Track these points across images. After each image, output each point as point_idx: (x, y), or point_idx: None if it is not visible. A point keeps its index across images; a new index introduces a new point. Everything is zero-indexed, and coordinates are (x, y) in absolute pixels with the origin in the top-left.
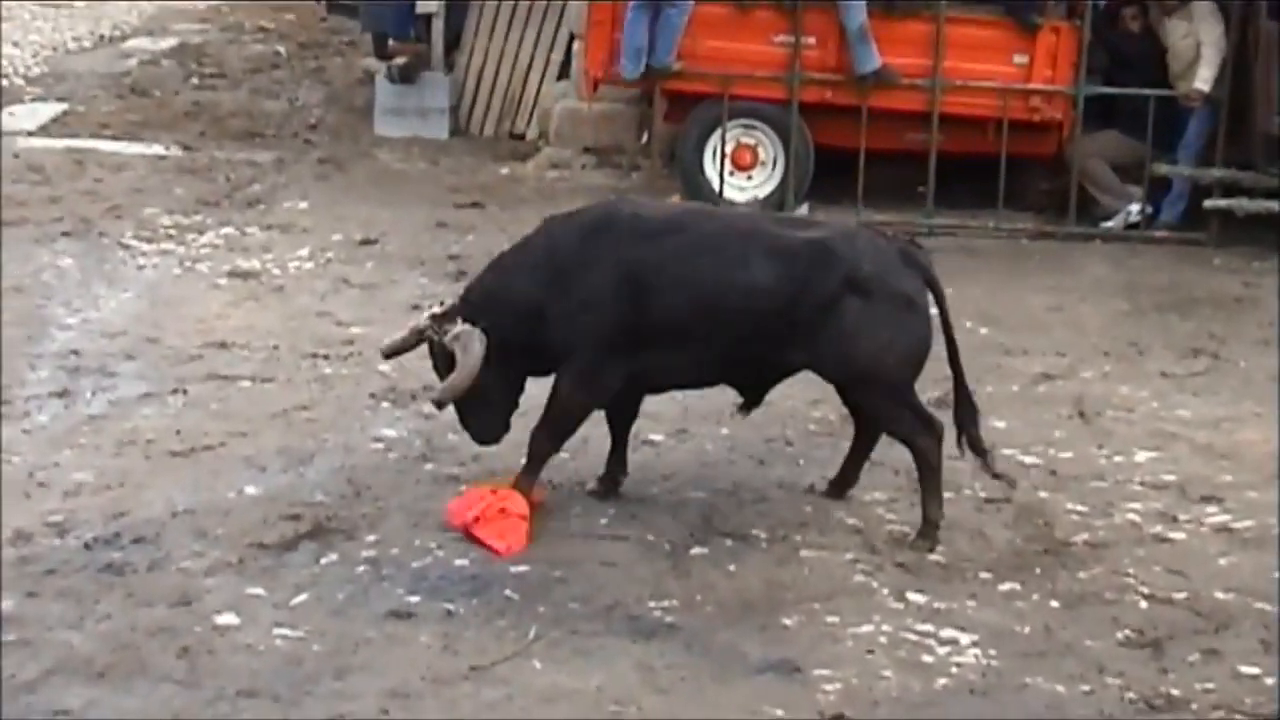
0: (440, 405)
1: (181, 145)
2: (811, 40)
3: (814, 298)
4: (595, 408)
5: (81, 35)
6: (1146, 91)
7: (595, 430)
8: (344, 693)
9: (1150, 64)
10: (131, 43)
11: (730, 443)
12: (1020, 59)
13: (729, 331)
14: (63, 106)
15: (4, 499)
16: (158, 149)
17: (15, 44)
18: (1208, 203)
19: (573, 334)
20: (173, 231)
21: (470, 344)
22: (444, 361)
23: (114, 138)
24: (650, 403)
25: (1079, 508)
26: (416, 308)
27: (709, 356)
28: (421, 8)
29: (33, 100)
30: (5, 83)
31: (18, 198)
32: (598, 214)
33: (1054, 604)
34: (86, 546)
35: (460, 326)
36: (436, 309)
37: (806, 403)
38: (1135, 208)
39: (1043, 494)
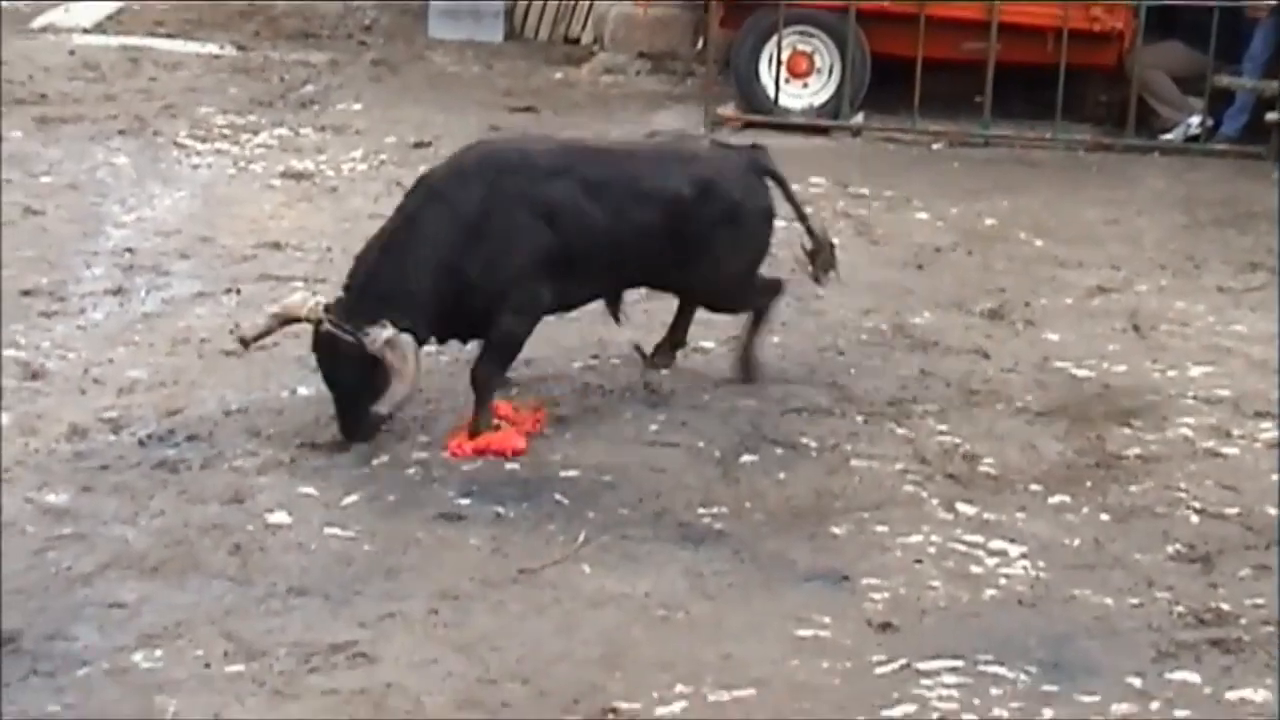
0: (388, 418)
1: (236, 45)
2: None
3: (694, 231)
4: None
5: None
6: (1210, 2)
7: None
8: (394, 593)
9: None
10: None
11: (781, 351)
12: None
13: (624, 263)
14: (118, 4)
15: (60, 395)
16: (212, 48)
17: None
18: (1270, 116)
19: (501, 277)
20: (227, 131)
21: (408, 351)
22: (346, 360)
23: (169, 36)
24: (701, 310)
25: (1132, 422)
26: None
27: (605, 284)
28: None
29: None
30: None
31: (74, 95)
32: (486, 162)
33: (1104, 517)
34: (141, 443)
35: (389, 332)
36: (315, 300)
37: (858, 312)
38: (1195, 120)
39: (1095, 406)
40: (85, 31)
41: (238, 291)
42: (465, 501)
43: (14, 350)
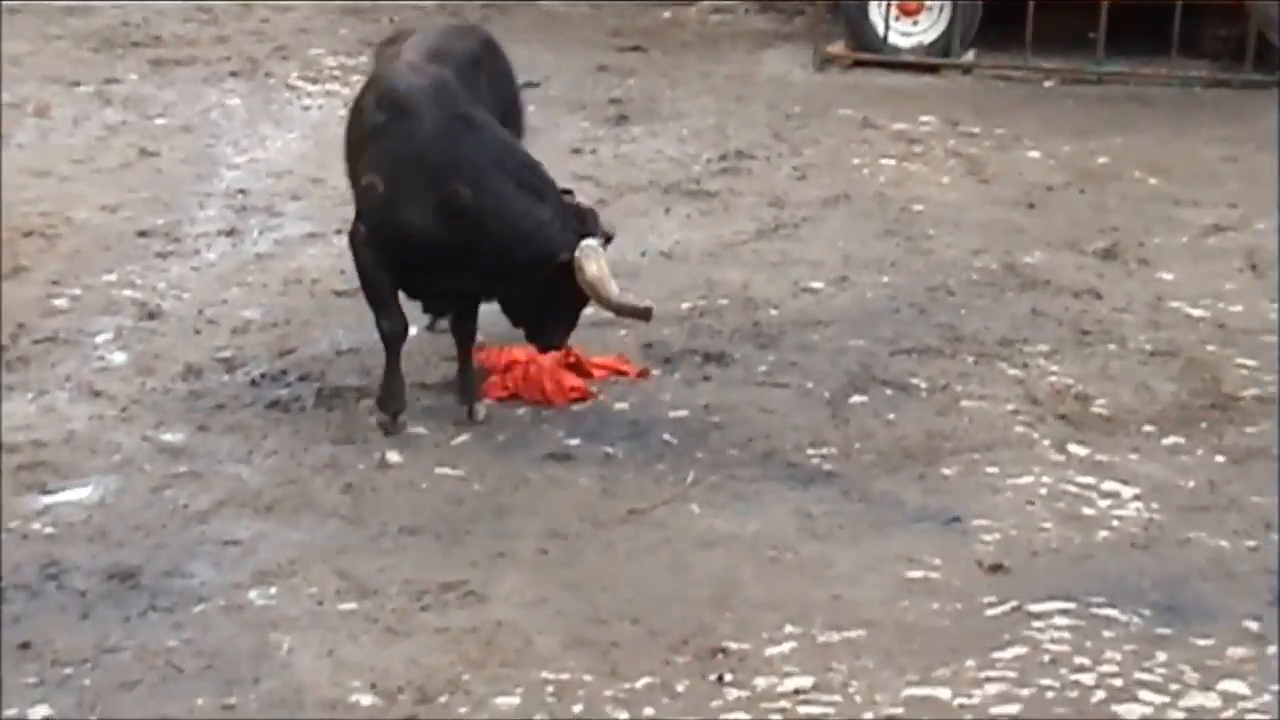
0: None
1: None
2: None
3: None
4: None
5: None
6: None
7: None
8: (504, 532)
9: None
10: None
11: (891, 291)
12: None
13: None
14: None
15: (175, 335)
16: None
17: None
18: None
19: None
20: (337, 73)
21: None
22: None
23: None
24: (812, 251)
25: (1248, 362)
26: (578, 151)
27: None
28: None
29: None
30: None
31: (187, 37)
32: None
33: (1219, 459)
34: (254, 383)
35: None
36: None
37: (968, 251)
38: None
39: (1210, 347)
40: None
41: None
42: (574, 442)
43: (131, 290)
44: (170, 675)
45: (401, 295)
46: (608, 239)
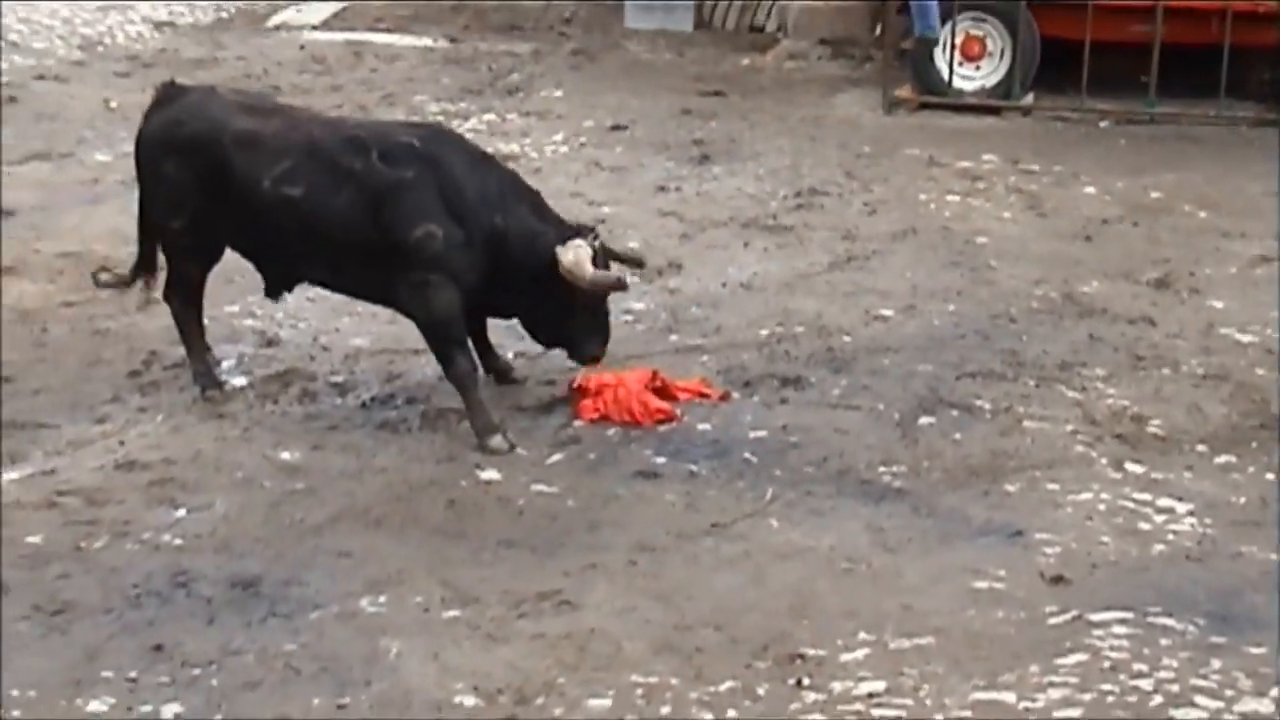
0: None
1: (448, 38)
2: None
3: None
4: None
5: None
6: None
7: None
8: (595, 545)
9: None
10: None
11: (956, 319)
12: None
13: None
14: (342, 3)
15: (292, 361)
16: (427, 41)
17: None
18: None
19: None
20: (440, 117)
21: None
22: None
23: (387, 31)
24: (881, 281)
25: None
26: (663, 189)
27: None
28: None
29: None
30: None
31: (303, 86)
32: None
33: (1269, 476)
34: (364, 405)
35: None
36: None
37: (1029, 281)
38: None
39: (1260, 371)
40: (313, 28)
41: None
42: (661, 460)
43: (252, 320)
44: (289, 677)
45: None
46: (600, 245)
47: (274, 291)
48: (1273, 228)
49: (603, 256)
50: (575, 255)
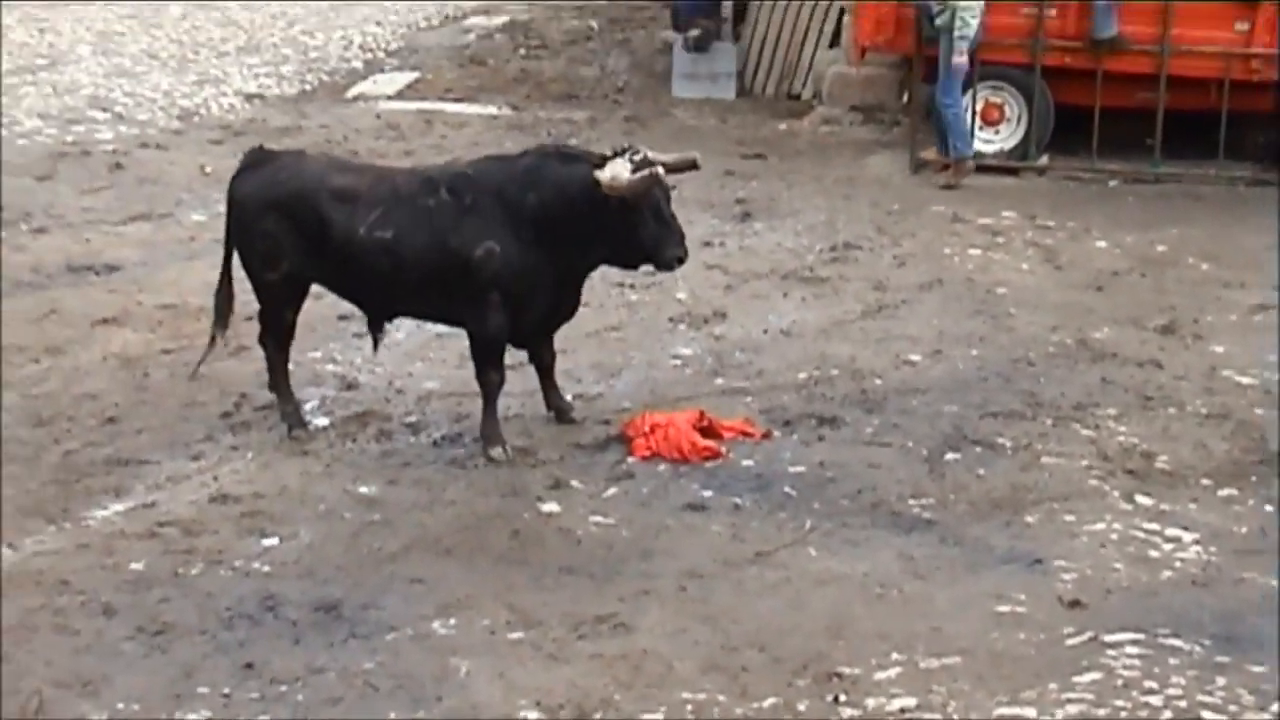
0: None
1: (511, 106)
2: (1053, 11)
3: None
4: None
5: (430, 15)
6: None
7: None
8: (648, 572)
9: None
10: (470, 20)
11: (979, 362)
12: (1241, 26)
13: None
14: (415, 75)
15: (369, 403)
16: (491, 109)
17: (378, 23)
18: None
19: None
20: None
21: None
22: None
23: (456, 100)
24: (910, 328)
25: None
26: (709, 244)
27: None
28: None
29: (391, 70)
30: (369, 56)
31: (379, 151)
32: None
33: (1269, 508)
34: (435, 443)
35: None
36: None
37: (1046, 328)
38: None
39: (1259, 410)
40: (388, 98)
41: None
42: (708, 494)
43: (333, 365)
44: (367, 693)
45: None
46: (644, 157)
47: (376, 326)
48: (1270, 278)
49: (646, 165)
50: (610, 171)
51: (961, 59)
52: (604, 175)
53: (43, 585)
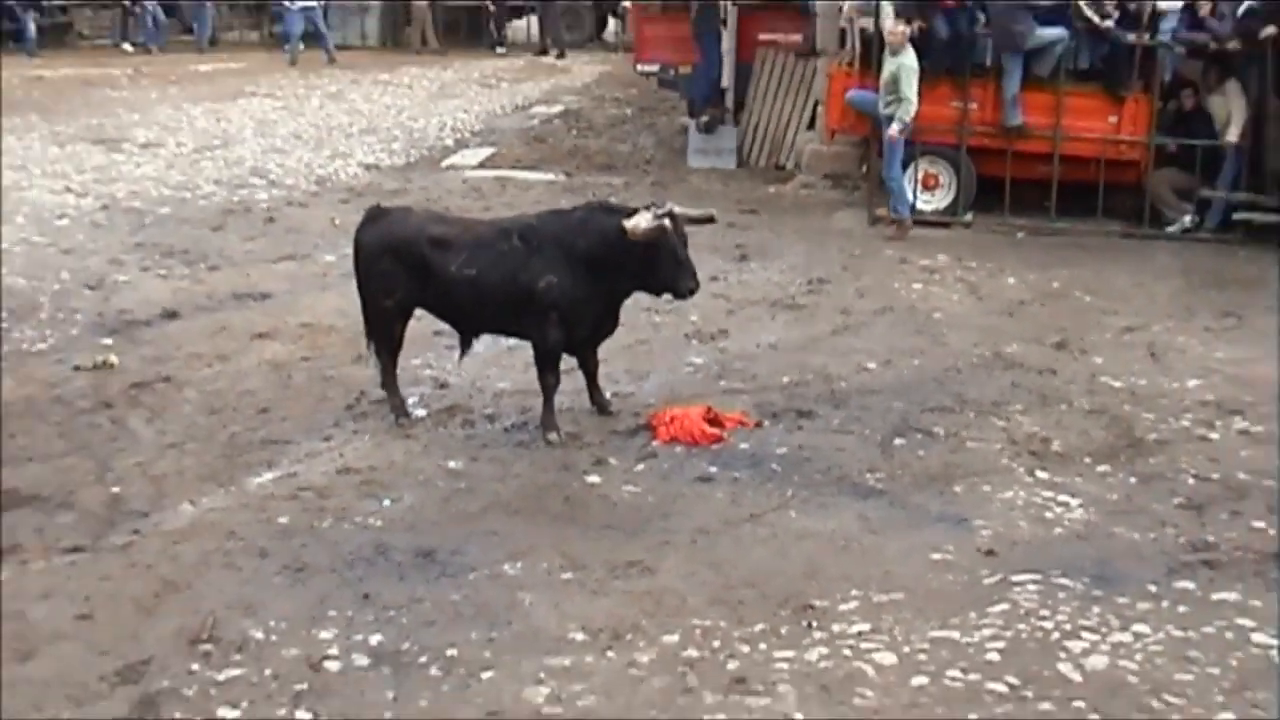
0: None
1: (565, 173)
2: (975, 105)
3: None
4: None
5: (505, 105)
6: (1195, 141)
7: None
8: (667, 529)
9: (1201, 124)
10: (535, 109)
11: (920, 370)
12: (1113, 119)
13: None
14: (492, 149)
15: (456, 398)
16: (550, 176)
17: (465, 111)
18: (1236, 215)
19: None
20: None
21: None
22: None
23: (524, 169)
24: (868, 344)
25: (1150, 416)
26: (715, 279)
27: None
28: (724, 83)
29: (475, 146)
30: (458, 135)
31: (465, 207)
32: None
33: (1133, 480)
34: (506, 430)
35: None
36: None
37: (970, 344)
38: (1189, 219)
39: (1127, 407)
40: (472, 168)
41: None
42: (713, 469)
43: (429, 370)
44: (455, 618)
45: None
46: (670, 211)
47: (465, 341)
48: (1135, 308)
49: (671, 219)
50: (633, 221)
51: (896, 135)
52: (629, 224)
53: (215, 534)
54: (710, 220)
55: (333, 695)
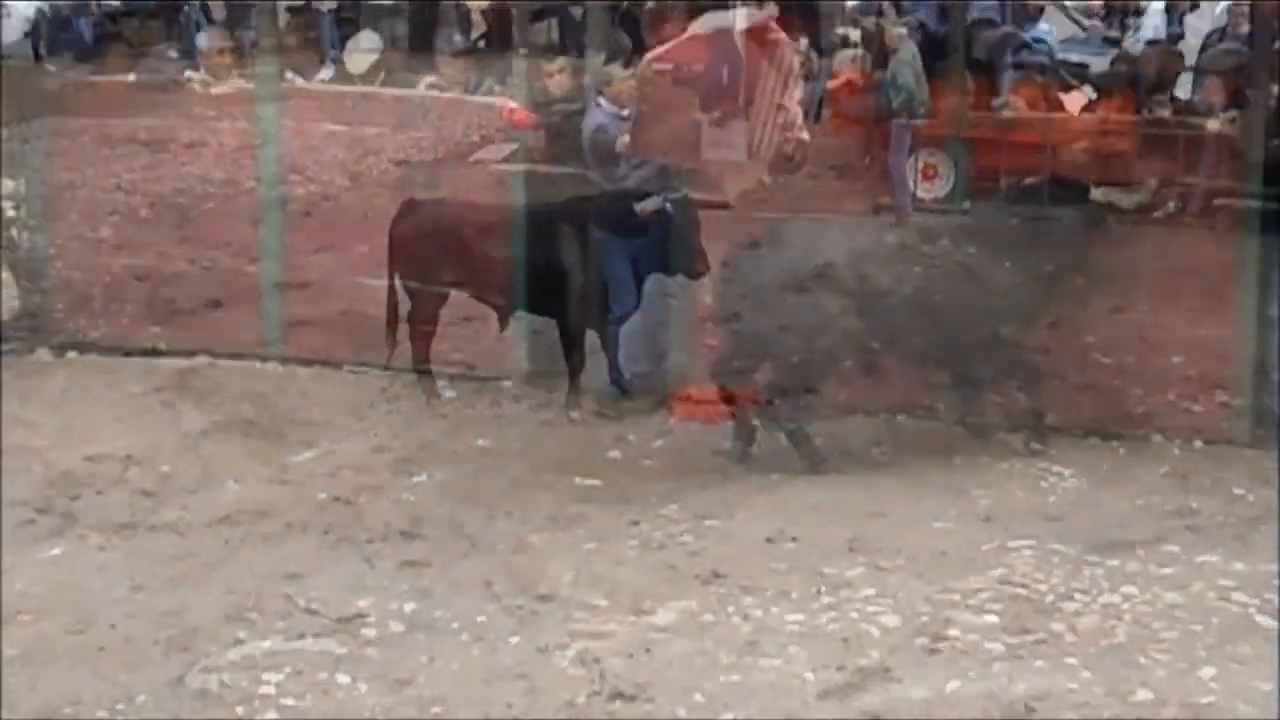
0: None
1: (583, 166)
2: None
3: None
4: None
5: (524, 105)
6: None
7: None
8: (683, 502)
9: None
10: (555, 106)
11: (920, 349)
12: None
13: None
14: (515, 145)
15: (485, 380)
16: (570, 169)
17: (488, 109)
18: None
19: None
20: None
21: None
22: None
23: (547, 164)
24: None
25: (1138, 391)
26: (725, 264)
27: None
28: None
29: (499, 142)
30: (483, 133)
31: (493, 200)
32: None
33: (1122, 451)
34: (532, 409)
35: None
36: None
37: (969, 323)
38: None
39: (1116, 382)
40: (497, 162)
41: None
42: (727, 444)
43: (458, 354)
44: (485, 586)
45: None
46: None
47: (502, 320)
48: (1120, 287)
49: (684, 203)
50: (642, 203)
51: (905, 128)
52: (638, 206)
53: (258, 510)
54: (726, 206)
55: (370, 660)
